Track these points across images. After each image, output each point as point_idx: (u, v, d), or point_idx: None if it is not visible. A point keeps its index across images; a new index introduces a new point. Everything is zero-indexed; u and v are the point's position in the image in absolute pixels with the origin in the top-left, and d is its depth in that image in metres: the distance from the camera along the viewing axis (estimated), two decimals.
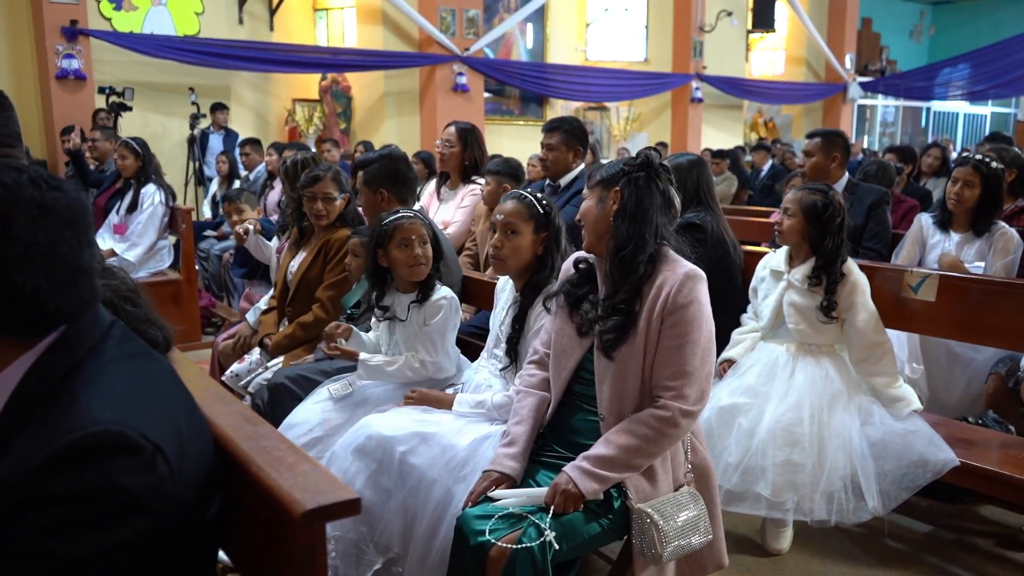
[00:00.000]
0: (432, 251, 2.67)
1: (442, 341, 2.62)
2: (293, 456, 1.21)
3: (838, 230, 2.76)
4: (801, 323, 2.79)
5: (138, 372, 1.16)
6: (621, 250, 1.97)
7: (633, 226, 1.96)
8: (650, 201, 1.99)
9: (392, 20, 10.41)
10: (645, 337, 1.94)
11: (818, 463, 2.58)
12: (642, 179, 1.99)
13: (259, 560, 1.18)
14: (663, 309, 1.92)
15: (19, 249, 1.03)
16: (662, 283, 1.94)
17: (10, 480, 1.01)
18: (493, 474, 2.00)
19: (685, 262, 2.00)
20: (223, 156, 7.58)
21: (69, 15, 8.11)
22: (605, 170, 2.07)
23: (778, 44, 15.69)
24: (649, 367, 1.95)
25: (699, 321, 1.93)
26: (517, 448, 2.05)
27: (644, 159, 2.01)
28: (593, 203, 2.05)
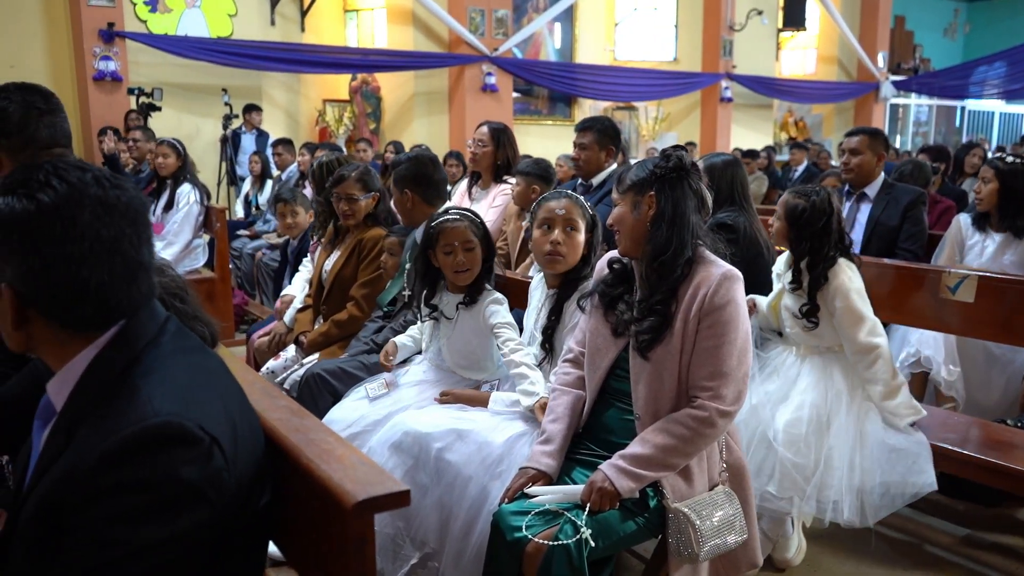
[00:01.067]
0: (484, 251, 2.65)
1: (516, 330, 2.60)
2: (342, 448, 1.23)
3: (817, 233, 2.67)
4: (795, 326, 2.77)
5: (193, 366, 1.19)
6: (660, 255, 1.97)
7: (672, 230, 1.96)
8: (686, 203, 1.98)
9: (422, 21, 10.47)
10: (681, 337, 1.94)
11: (817, 465, 2.56)
12: (676, 181, 1.99)
13: (309, 550, 1.20)
14: (700, 309, 1.92)
15: (85, 246, 1.07)
16: (699, 284, 1.94)
17: (75, 469, 1.05)
18: (530, 471, 2.02)
19: (721, 262, 2.00)
20: (256, 156, 7.67)
21: (106, 18, 8.26)
22: (635, 174, 2.05)
23: (809, 43, 15.54)
24: (685, 367, 1.95)
25: (736, 321, 1.93)
26: (553, 446, 2.07)
27: (677, 161, 2.00)
28: (627, 209, 2.03)
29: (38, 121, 1.92)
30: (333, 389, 2.79)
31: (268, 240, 6.29)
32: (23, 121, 1.90)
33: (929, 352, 3.40)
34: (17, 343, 1.14)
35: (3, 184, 1.09)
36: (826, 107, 15.93)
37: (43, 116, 1.93)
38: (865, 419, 2.62)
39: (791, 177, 10.06)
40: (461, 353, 2.67)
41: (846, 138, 4.03)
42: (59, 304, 1.09)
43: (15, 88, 1.93)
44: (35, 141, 1.90)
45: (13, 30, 8.32)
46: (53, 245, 1.06)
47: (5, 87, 1.93)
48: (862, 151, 3.87)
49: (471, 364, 2.67)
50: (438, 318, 2.70)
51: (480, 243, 2.64)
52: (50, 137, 1.93)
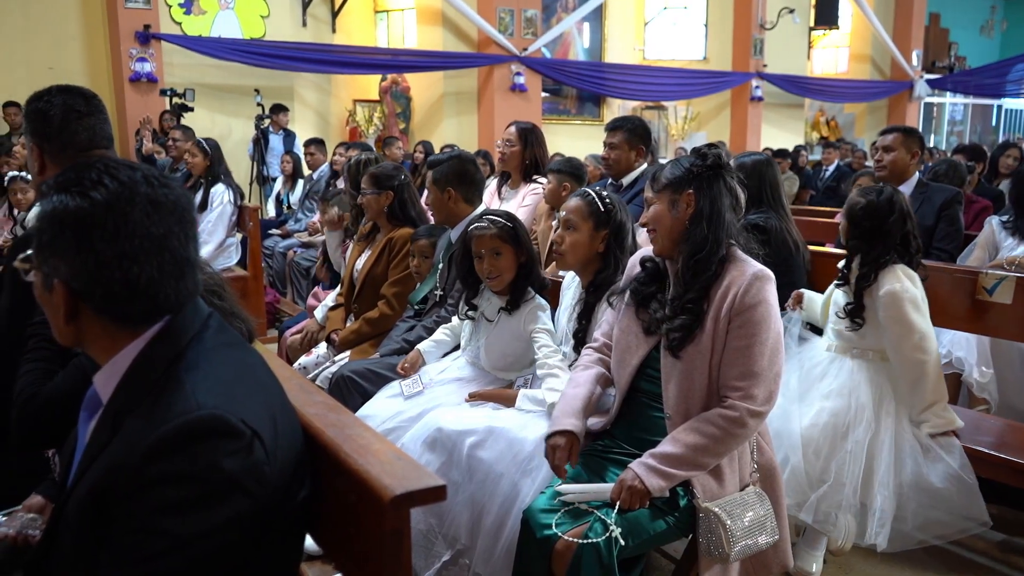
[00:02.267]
0: (520, 256, 2.62)
1: (553, 336, 2.60)
2: (378, 444, 1.26)
3: (873, 232, 2.63)
4: (838, 323, 2.74)
5: (235, 360, 1.22)
6: (697, 253, 1.96)
7: (710, 229, 1.96)
8: (723, 201, 1.98)
9: (451, 21, 10.52)
10: (712, 337, 1.94)
11: (824, 475, 2.53)
12: (714, 179, 1.99)
13: (346, 544, 1.22)
14: (731, 309, 1.92)
15: (136, 243, 1.10)
16: (730, 283, 1.94)
17: (121, 461, 1.08)
18: (559, 440, 2.01)
19: (753, 262, 1.99)
20: (287, 156, 7.76)
21: (142, 20, 8.40)
22: (671, 172, 2.04)
23: (841, 41, 15.35)
24: (716, 366, 1.95)
25: (767, 322, 1.92)
26: (574, 406, 2.09)
27: (714, 159, 1.99)
28: (664, 207, 2.02)
29: (77, 124, 1.94)
30: (363, 390, 2.82)
31: (299, 239, 6.36)
32: (62, 124, 1.92)
33: (961, 354, 3.35)
34: (67, 337, 1.18)
35: (56, 183, 1.12)
36: (858, 106, 15.73)
37: (82, 119, 1.95)
38: (902, 442, 2.55)
39: (822, 177, 9.97)
40: (499, 355, 2.68)
41: (880, 136, 3.99)
42: (110, 300, 1.12)
43: (57, 91, 1.96)
44: (73, 144, 1.92)
45: (52, 32, 8.49)
46: (105, 242, 1.09)
47: (48, 90, 1.96)
48: (896, 148, 3.82)
49: (508, 367, 2.68)
50: (477, 319, 2.72)
51: (513, 248, 2.60)
52: (88, 140, 1.95)
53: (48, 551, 1.22)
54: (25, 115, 1.96)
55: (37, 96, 1.95)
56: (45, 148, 1.93)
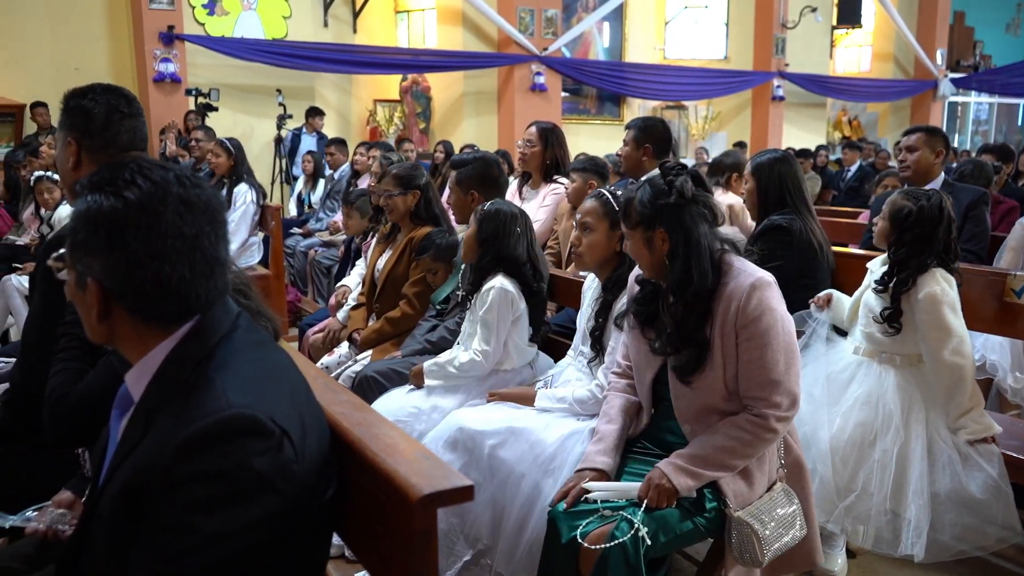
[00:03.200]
0: (487, 241, 2.72)
1: (492, 331, 2.64)
2: (405, 443, 1.26)
3: (920, 239, 2.57)
4: (869, 326, 2.70)
5: (263, 360, 1.23)
6: (683, 288, 1.93)
7: (690, 261, 1.92)
8: (698, 230, 1.93)
9: (471, 21, 10.53)
10: (721, 352, 1.92)
11: (851, 486, 2.50)
12: (683, 209, 1.93)
13: (373, 543, 1.23)
14: (735, 323, 1.90)
15: (168, 242, 1.11)
16: (729, 296, 1.91)
17: (153, 459, 1.09)
18: (587, 473, 2.00)
19: (749, 268, 1.95)
20: (309, 155, 7.81)
21: (166, 21, 8.49)
22: (639, 207, 1.98)
23: (864, 40, 15.22)
24: (732, 379, 1.93)
25: (775, 328, 1.90)
26: (607, 443, 2.07)
27: (678, 194, 1.92)
28: (641, 245, 1.99)
29: (119, 124, 1.95)
30: (386, 390, 2.83)
31: (321, 238, 6.40)
32: (106, 123, 1.93)
33: (994, 358, 3.31)
34: (100, 336, 1.19)
35: (90, 182, 1.13)
36: (881, 106, 15.58)
37: (124, 120, 1.96)
38: (939, 451, 2.50)
39: (844, 177, 9.88)
40: (471, 339, 2.73)
41: (903, 136, 3.94)
42: (142, 299, 1.13)
43: (102, 90, 1.97)
44: (115, 144, 1.93)
45: (78, 33, 8.60)
46: (138, 241, 1.10)
47: (92, 88, 1.97)
48: (919, 148, 3.77)
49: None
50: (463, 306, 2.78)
51: (475, 227, 2.73)
52: (129, 141, 1.96)
53: (80, 547, 1.23)
54: (66, 110, 1.95)
55: (81, 93, 1.95)
56: (84, 145, 1.94)
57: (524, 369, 2.70)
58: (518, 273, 2.72)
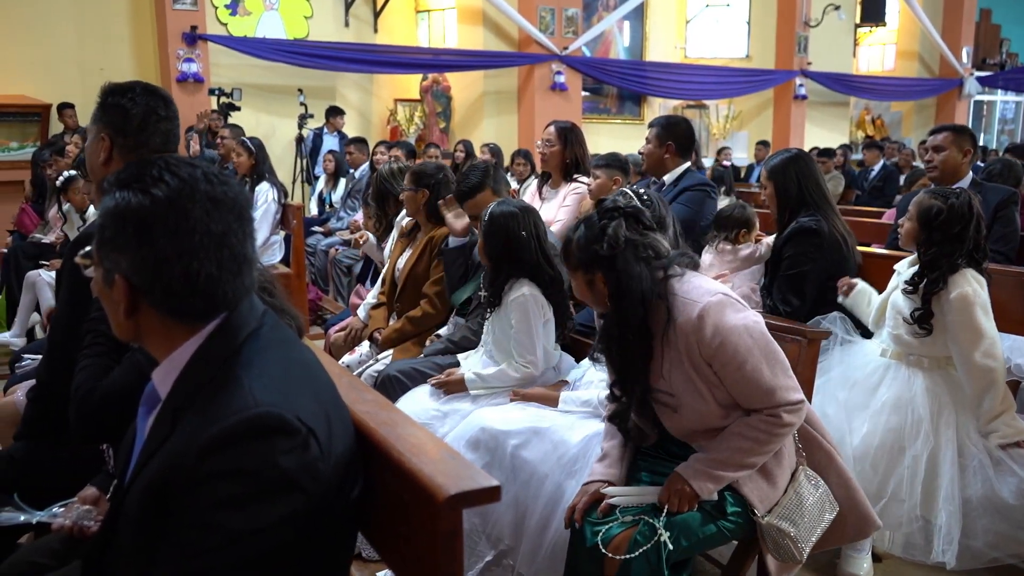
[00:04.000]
0: (496, 252, 2.68)
1: (531, 338, 2.61)
2: (431, 443, 1.25)
3: (950, 239, 2.54)
4: (898, 328, 2.65)
5: (289, 358, 1.22)
6: (627, 330, 1.90)
7: (629, 305, 1.88)
8: (635, 272, 1.87)
9: (492, 20, 10.53)
10: (703, 382, 1.89)
11: (881, 492, 2.46)
12: (619, 256, 1.88)
13: (398, 543, 1.22)
14: (701, 355, 1.86)
15: (196, 239, 1.11)
16: (683, 329, 1.86)
17: (180, 456, 1.09)
18: (592, 486, 1.98)
19: (693, 295, 1.87)
20: (330, 155, 7.84)
21: (190, 21, 8.54)
22: (576, 253, 1.95)
23: (888, 38, 15.04)
24: (725, 399, 1.90)
25: (742, 343, 1.84)
26: (611, 459, 2.05)
27: (609, 244, 1.88)
28: (583, 286, 1.97)
29: (155, 126, 1.95)
30: (408, 390, 2.83)
31: (341, 237, 6.42)
32: (142, 124, 1.93)
33: (1021, 360, 3.25)
34: (126, 333, 1.19)
35: (118, 179, 1.13)
36: (905, 105, 15.40)
37: (160, 122, 1.96)
38: (969, 457, 2.46)
39: (867, 177, 9.77)
40: (497, 348, 2.71)
41: (930, 135, 3.89)
42: (170, 295, 1.13)
43: (141, 91, 1.96)
44: (147, 145, 1.93)
45: (103, 34, 8.68)
46: (166, 238, 1.10)
47: (132, 87, 1.97)
48: (946, 148, 3.71)
49: (509, 358, 2.68)
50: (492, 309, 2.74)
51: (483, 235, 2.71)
52: (162, 144, 1.96)
53: (106, 544, 1.24)
54: (103, 106, 1.95)
55: (121, 91, 1.95)
56: (118, 143, 1.94)
57: (548, 371, 2.69)
58: (535, 275, 2.69)
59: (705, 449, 1.94)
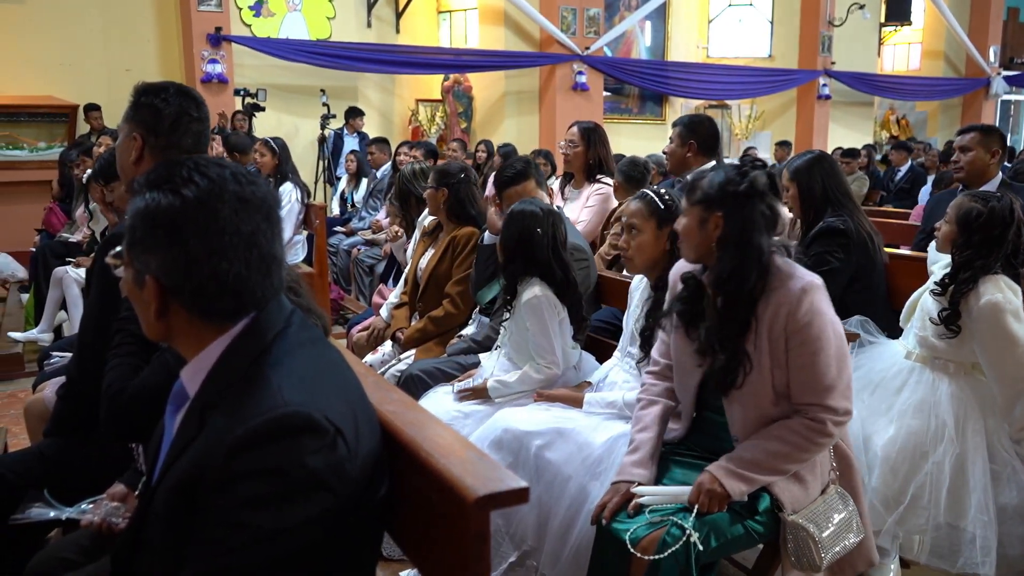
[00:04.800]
0: (511, 247, 2.68)
1: (548, 338, 2.60)
2: (458, 444, 1.25)
3: (988, 242, 2.48)
4: (924, 329, 2.61)
5: (317, 357, 1.22)
6: (725, 282, 1.89)
7: (737, 257, 1.87)
8: (754, 226, 1.88)
9: (513, 20, 10.53)
10: (769, 358, 1.88)
11: (900, 497, 2.43)
12: (747, 202, 1.89)
13: (425, 544, 1.22)
14: (785, 329, 1.86)
15: (225, 239, 1.11)
16: (778, 301, 1.86)
17: (208, 454, 1.09)
18: (623, 486, 1.96)
19: (799, 273, 1.90)
20: (352, 155, 7.88)
21: (214, 22, 8.62)
22: (706, 186, 1.94)
23: (914, 37, 14.88)
24: (780, 383, 1.89)
25: (826, 333, 1.86)
26: (642, 453, 2.02)
27: (749, 185, 1.88)
28: (694, 223, 1.95)
29: (187, 127, 1.96)
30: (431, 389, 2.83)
31: (363, 236, 6.45)
32: (174, 125, 1.94)
33: None
34: (156, 332, 1.20)
35: (148, 180, 1.14)
36: (931, 105, 15.22)
37: (192, 123, 1.97)
38: (1001, 465, 2.42)
39: (894, 178, 9.66)
40: (516, 349, 2.70)
41: (957, 136, 3.84)
42: (199, 295, 1.13)
43: (175, 91, 1.98)
44: (178, 146, 1.94)
45: (129, 36, 8.78)
46: (196, 238, 1.10)
47: (166, 87, 1.98)
48: (973, 148, 3.66)
49: (527, 359, 2.67)
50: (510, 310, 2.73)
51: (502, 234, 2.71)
52: (193, 145, 1.97)
53: (135, 540, 1.24)
54: (136, 105, 1.96)
55: (154, 90, 1.97)
56: (149, 142, 1.95)
57: (568, 371, 2.68)
58: (546, 275, 2.67)
59: (738, 448, 1.92)
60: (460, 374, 2.82)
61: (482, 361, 2.82)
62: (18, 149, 8.42)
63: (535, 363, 2.61)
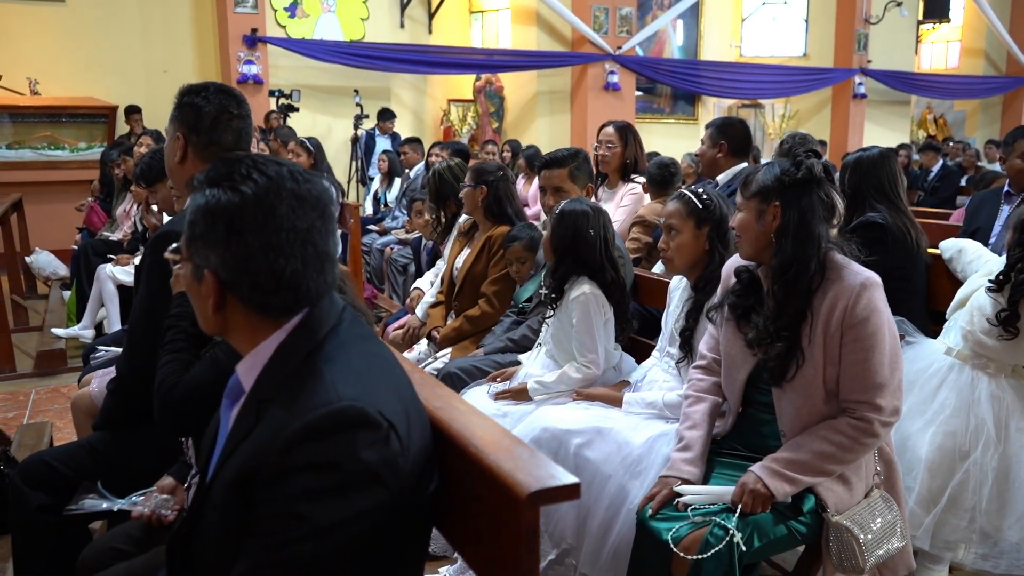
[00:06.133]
0: (561, 246, 2.67)
1: (592, 337, 2.59)
2: (507, 439, 1.26)
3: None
4: (973, 324, 2.56)
5: (368, 353, 1.24)
6: (785, 271, 1.89)
7: (796, 245, 1.88)
8: (813, 215, 1.89)
9: (545, 20, 10.54)
10: (823, 352, 1.87)
11: (938, 495, 2.39)
12: (805, 191, 1.89)
13: (478, 539, 1.22)
14: (841, 323, 1.85)
15: (283, 236, 1.13)
16: (836, 295, 1.86)
17: (265, 447, 1.11)
18: (672, 481, 1.96)
19: (856, 268, 1.90)
20: (384, 155, 7.93)
21: (250, 24, 8.73)
22: (762, 178, 1.95)
23: (952, 34, 14.64)
24: (832, 379, 1.88)
25: (882, 331, 1.85)
26: (694, 452, 2.02)
27: (806, 172, 1.89)
28: (751, 217, 1.95)
29: (228, 124, 2.01)
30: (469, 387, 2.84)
31: (397, 236, 6.49)
32: (215, 122, 1.99)
33: None
34: (213, 326, 1.22)
35: (207, 177, 1.16)
36: (969, 103, 14.95)
37: (232, 120, 2.02)
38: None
39: (927, 179, 9.51)
40: (558, 347, 2.69)
41: (1014, 141, 3.76)
42: (256, 290, 1.15)
43: (215, 90, 2.03)
44: (219, 143, 1.99)
45: (166, 37, 8.93)
46: (255, 234, 1.13)
47: (206, 87, 2.03)
48: None
49: (569, 358, 2.66)
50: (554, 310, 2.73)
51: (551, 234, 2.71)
52: (234, 142, 2.02)
53: (191, 532, 1.27)
54: (179, 105, 2.02)
55: (195, 90, 2.02)
56: (192, 140, 2.00)
57: (608, 371, 2.67)
58: (596, 275, 2.68)
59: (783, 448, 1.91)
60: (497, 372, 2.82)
61: (522, 361, 2.82)
62: (59, 149, 8.61)
63: (574, 362, 2.61)
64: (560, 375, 2.60)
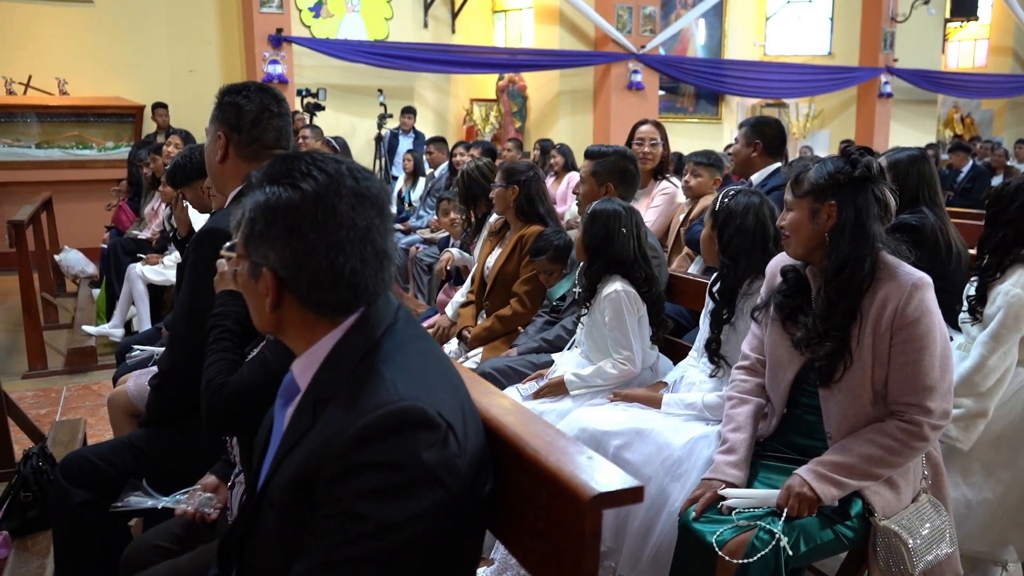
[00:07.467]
0: (594, 244, 2.65)
1: (626, 334, 2.57)
2: (564, 441, 1.24)
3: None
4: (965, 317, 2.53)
5: (425, 352, 1.23)
6: (840, 271, 1.86)
7: (852, 244, 1.85)
8: (869, 214, 1.86)
9: (569, 19, 10.51)
10: (872, 353, 1.84)
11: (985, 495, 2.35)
12: (861, 189, 1.86)
13: (535, 541, 1.21)
14: (891, 323, 1.81)
15: (342, 233, 1.12)
16: (886, 296, 1.83)
17: (325, 446, 1.10)
18: (716, 483, 1.94)
19: (907, 269, 1.87)
20: (409, 154, 7.94)
21: (275, 24, 8.78)
22: (814, 177, 1.91)
23: (980, 33, 14.45)
24: (880, 381, 1.85)
25: (933, 333, 1.81)
26: (738, 455, 1.99)
27: (863, 170, 1.86)
28: (804, 215, 1.91)
29: (268, 123, 2.02)
30: (503, 387, 2.82)
31: (421, 235, 6.49)
32: (255, 121, 2.00)
33: None
34: (268, 325, 1.21)
35: (266, 174, 1.16)
36: (997, 102, 14.76)
37: (273, 119, 2.03)
38: None
39: (956, 179, 9.40)
40: (592, 346, 2.68)
41: None
42: (314, 288, 1.14)
43: (255, 89, 2.04)
44: (260, 141, 2.00)
45: (192, 37, 9.00)
46: (315, 232, 1.12)
47: (247, 86, 2.05)
48: None
49: (605, 357, 2.64)
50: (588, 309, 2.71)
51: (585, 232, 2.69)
52: (275, 140, 2.03)
53: (246, 530, 1.26)
54: (220, 105, 2.03)
55: (236, 90, 2.03)
56: (233, 139, 2.01)
57: (645, 371, 2.65)
58: (629, 273, 2.66)
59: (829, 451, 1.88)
60: (530, 372, 2.80)
61: (556, 360, 2.80)
62: (87, 148, 8.70)
63: (610, 359, 2.59)
64: (596, 369, 2.58)
